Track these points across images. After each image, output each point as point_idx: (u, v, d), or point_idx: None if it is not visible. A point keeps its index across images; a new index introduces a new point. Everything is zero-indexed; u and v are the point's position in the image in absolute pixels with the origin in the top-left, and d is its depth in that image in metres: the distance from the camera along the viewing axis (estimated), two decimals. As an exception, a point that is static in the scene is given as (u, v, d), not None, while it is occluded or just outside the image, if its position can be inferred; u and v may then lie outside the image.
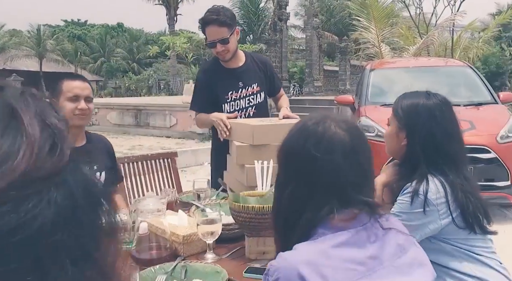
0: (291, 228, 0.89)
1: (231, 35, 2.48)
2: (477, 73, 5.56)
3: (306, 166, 0.90)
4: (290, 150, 0.94)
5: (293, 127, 0.98)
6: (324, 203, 0.86)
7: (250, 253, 1.47)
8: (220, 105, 2.63)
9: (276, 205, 0.98)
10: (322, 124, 0.90)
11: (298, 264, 0.81)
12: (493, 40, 13.70)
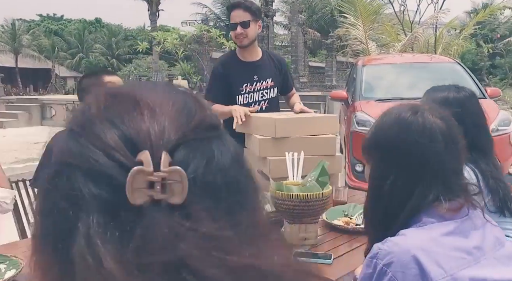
0: (393, 217, 0.91)
1: (252, 22, 2.58)
2: (465, 69, 5.76)
3: (411, 156, 0.92)
4: (391, 141, 0.95)
5: (383, 121, 1.00)
6: (429, 191, 0.90)
7: (292, 240, 1.54)
8: (234, 96, 2.70)
9: (373, 196, 0.99)
10: (420, 114, 0.95)
11: (413, 249, 0.83)
12: (469, 37, 14.05)
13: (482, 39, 23.23)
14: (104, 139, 0.39)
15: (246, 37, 2.64)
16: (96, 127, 0.39)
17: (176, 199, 0.37)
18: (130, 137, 0.39)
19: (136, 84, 0.47)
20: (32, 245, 0.43)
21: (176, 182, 0.38)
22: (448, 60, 6.29)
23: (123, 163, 0.38)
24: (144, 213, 0.37)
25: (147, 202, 0.37)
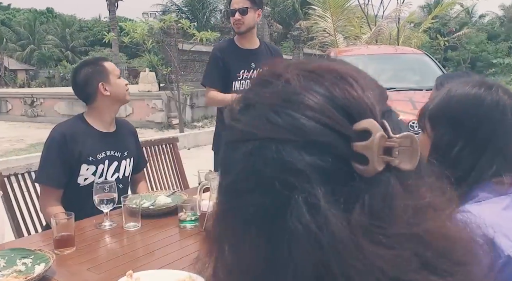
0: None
1: (251, 10, 2.60)
2: (434, 60, 6.00)
3: (482, 128, 0.94)
4: (464, 112, 0.96)
5: (455, 92, 1.00)
6: (491, 165, 0.92)
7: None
8: (231, 82, 2.70)
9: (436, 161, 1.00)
10: (495, 90, 0.95)
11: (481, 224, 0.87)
12: (426, 30, 14.57)
13: (435, 33, 24.21)
14: (317, 110, 0.38)
15: (243, 24, 2.64)
16: (306, 99, 0.38)
17: (408, 166, 0.37)
18: (344, 107, 0.38)
19: (320, 60, 0.46)
20: (213, 244, 0.42)
21: (407, 148, 0.37)
22: (417, 51, 6.52)
23: (342, 132, 0.37)
24: (374, 181, 0.36)
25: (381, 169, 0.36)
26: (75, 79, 2.02)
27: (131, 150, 2.15)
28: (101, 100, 2.01)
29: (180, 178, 2.97)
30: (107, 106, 2.03)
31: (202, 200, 1.58)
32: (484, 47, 33.28)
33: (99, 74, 2.00)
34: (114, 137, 2.08)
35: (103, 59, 2.13)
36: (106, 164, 2.01)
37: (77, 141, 1.92)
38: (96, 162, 1.97)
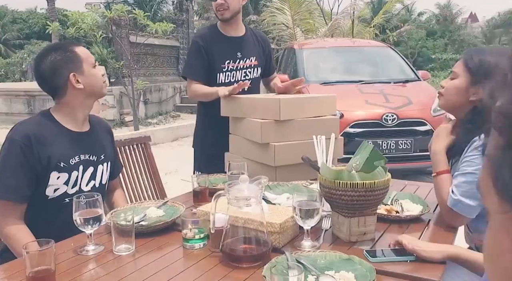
0: None
1: None
2: (398, 53, 5.99)
3: None
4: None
5: None
6: None
7: (351, 235, 1.32)
8: (215, 73, 2.41)
9: None
10: None
11: None
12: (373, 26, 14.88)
13: (381, 28, 25.00)
14: None
15: (228, 9, 2.36)
16: None
17: None
18: None
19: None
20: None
21: None
22: (381, 44, 6.50)
23: None
24: None
25: None
26: (38, 68, 1.62)
27: (108, 152, 1.80)
28: (72, 94, 1.64)
29: (155, 182, 2.63)
30: (80, 101, 1.67)
31: (216, 213, 1.29)
32: (424, 43, 34.87)
33: (70, 62, 1.63)
34: (88, 137, 1.73)
35: (74, 43, 1.74)
36: (81, 171, 1.65)
37: (44, 144, 1.56)
38: (69, 169, 1.61)
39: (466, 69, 1.47)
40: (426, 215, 1.52)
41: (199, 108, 2.61)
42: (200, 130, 2.59)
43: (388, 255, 1.20)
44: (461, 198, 1.38)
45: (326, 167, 1.34)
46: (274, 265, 1.09)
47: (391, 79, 5.28)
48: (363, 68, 5.68)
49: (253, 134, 2.04)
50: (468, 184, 1.38)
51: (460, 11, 47.60)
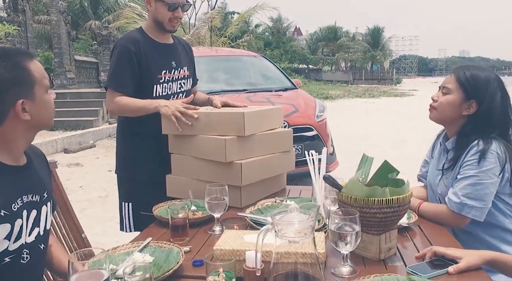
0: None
1: (190, 6, 2.08)
2: (272, 62, 6.26)
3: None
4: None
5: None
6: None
7: (380, 253, 1.28)
8: (152, 85, 2.10)
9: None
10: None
11: None
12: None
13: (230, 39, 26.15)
14: None
15: (179, 21, 2.12)
16: None
17: None
18: None
19: None
20: None
21: None
22: (255, 54, 6.70)
23: None
24: None
25: None
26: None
27: (49, 188, 1.40)
28: (12, 124, 1.21)
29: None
30: (20, 132, 1.24)
31: (248, 251, 1.10)
32: (263, 52, 37.70)
33: (20, 84, 1.19)
34: (27, 172, 1.30)
35: (26, 54, 1.28)
36: (25, 217, 1.23)
37: None
38: (12, 218, 1.18)
39: (459, 85, 1.58)
40: (415, 223, 1.58)
41: (123, 126, 2.23)
42: (128, 152, 2.21)
43: (432, 267, 1.19)
44: (466, 200, 1.48)
45: (356, 184, 1.27)
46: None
47: (272, 88, 5.48)
48: (244, 77, 5.77)
49: (212, 153, 1.83)
50: (472, 186, 1.48)
51: (290, 25, 53.13)
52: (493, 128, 1.55)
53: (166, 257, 1.27)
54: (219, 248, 1.20)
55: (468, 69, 1.61)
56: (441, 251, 1.24)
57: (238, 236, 1.28)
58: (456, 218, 1.54)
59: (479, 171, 1.49)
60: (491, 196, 1.50)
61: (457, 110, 1.60)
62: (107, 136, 9.72)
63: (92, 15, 23.75)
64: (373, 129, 10.65)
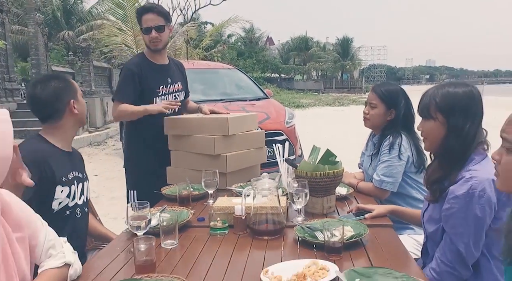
0: (465, 151, 1.51)
1: (166, 27, 2.64)
2: (245, 74, 6.90)
3: (478, 113, 1.54)
4: (469, 103, 1.56)
5: (454, 91, 1.56)
6: (481, 135, 1.53)
7: (324, 210, 1.91)
8: (152, 98, 2.69)
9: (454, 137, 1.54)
10: (475, 88, 1.57)
11: (489, 175, 1.42)
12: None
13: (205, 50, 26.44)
14: None
15: (161, 41, 2.67)
16: None
17: None
18: None
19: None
20: None
21: None
22: (232, 66, 7.32)
23: None
24: None
25: None
26: (38, 93, 1.78)
27: (85, 172, 1.99)
28: (68, 118, 1.82)
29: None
30: (71, 125, 1.87)
31: (236, 205, 1.71)
32: (236, 62, 38.30)
33: (70, 90, 1.80)
34: (74, 157, 1.92)
35: (66, 76, 1.94)
36: (75, 185, 1.83)
37: (47, 160, 1.70)
38: (69, 183, 1.80)
39: (380, 100, 2.24)
40: (351, 194, 2.23)
41: (129, 129, 2.81)
42: (134, 150, 2.78)
43: (355, 216, 1.83)
44: (383, 177, 2.14)
45: (307, 163, 1.91)
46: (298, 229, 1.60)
47: (246, 97, 6.11)
48: (220, 88, 6.38)
49: (204, 148, 2.44)
50: (386, 168, 2.14)
51: (262, 35, 54.17)
52: (402, 126, 2.23)
53: (179, 215, 1.86)
54: (216, 206, 1.80)
55: (383, 86, 2.29)
56: (362, 206, 1.89)
57: (228, 200, 1.89)
58: (379, 191, 2.19)
59: (390, 157, 2.16)
60: (400, 174, 2.16)
61: (383, 118, 2.26)
62: (87, 144, 10.09)
63: (65, 25, 23.82)
64: (339, 135, 11.43)
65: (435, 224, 1.59)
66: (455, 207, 1.47)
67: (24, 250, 1.16)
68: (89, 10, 24.88)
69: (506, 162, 1.06)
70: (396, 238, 1.63)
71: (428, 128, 1.61)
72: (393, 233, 1.69)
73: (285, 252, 1.52)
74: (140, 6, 2.93)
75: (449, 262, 1.50)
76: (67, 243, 1.34)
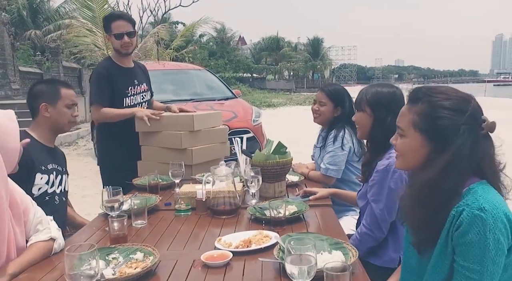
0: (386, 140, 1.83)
1: (135, 33, 2.87)
2: (215, 75, 7.15)
3: (397, 108, 1.68)
4: (391, 100, 1.87)
5: (380, 90, 1.86)
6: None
7: (275, 193, 2.21)
8: (122, 98, 2.92)
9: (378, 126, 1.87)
10: (397, 88, 1.88)
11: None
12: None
13: (175, 51, 26.40)
14: None
15: (132, 45, 2.91)
16: None
17: None
18: None
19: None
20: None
21: None
22: (199, 67, 7.56)
23: None
24: None
25: None
26: (31, 89, 2.09)
27: (66, 167, 2.22)
28: (42, 119, 2.08)
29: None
30: (48, 126, 2.10)
31: (198, 190, 1.98)
32: (207, 62, 38.31)
33: (49, 95, 2.04)
34: (55, 152, 2.14)
35: (64, 84, 2.15)
36: (54, 175, 2.06)
37: (28, 151, 1.93)
38: (48, 172, 2.02)
39: (328, 98, 2.55)
40: (302, 181, 2.53)
41: (102, 129, 3.02)
42: (107, 147, 3.00)
43: (301, 198, 2.14)
44: (328, 165, 2.45)
45: (260, 154, 2.20)
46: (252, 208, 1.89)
47: (215, 97, 6.37)
48: (190, 88, 6.62)
49: (172, 143, 2.69)
50: (331, 157, 2.46)
51: (234, 35, 54.38)
52: (346, 121, 2.55)
53: (148, 200, 2.12)
54: (181, 191, 2.07)
55: (330, 86, 2.61)
56: (307, 190, 2.20)
57: (192, 186, 2.16)
58: (325, 178, 2.51)
59: (334, 148, 2.48)
60: (343, 162, 2.49)
61: (331, 114, 2.58)
62: (58, 144, 10.07)
63: (31, 24, 23.34)
64: (306, 132, 11.81)
65: (364, 199, 1.91)
66: (375, 179, 1.80)
67: (19, 226, 1.40)
68: (57, 9, 24.44)
69: (399, 144, 1.28)
70: (333, 215, 1.94)
71: (359, 118, 1.93)
72: (331, 211, 2.00)
73: (239, 227, 1.81)
74: (109, 13, 3.16)
75: (368, 225, 1.84)
76: (52, 221, 1.58)
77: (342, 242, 1.48)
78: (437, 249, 1.15)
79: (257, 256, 1.44)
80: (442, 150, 1.15)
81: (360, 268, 1.36)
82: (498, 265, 1.05)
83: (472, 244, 1.06)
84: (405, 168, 1.34)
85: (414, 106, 1.23)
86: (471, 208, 1.07)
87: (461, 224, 1.07)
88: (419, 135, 1.20)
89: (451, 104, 1.17)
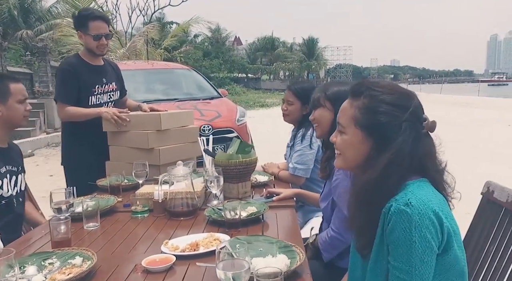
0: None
1: (112, 35, 2.80)
2: (200, 74, 7.08)
3: None
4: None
5: (342, 88, 1.81)
6: None
7: (239, 194, 2.14)
8: (87, 97, 2.84)
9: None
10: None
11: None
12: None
13: (167, 50, 26.38)
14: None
15: (107, 46, 2.84)
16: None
17: None
18: None
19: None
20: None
21: None
22: (186, 67, 7.48)
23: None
24: None
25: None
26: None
27: (22, 166, 2.14)
28: None
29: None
30: (1, 123, 2.00)
31: (155, 191, 1.91)
32: (201, 63, 38.19)
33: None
34: (8, 152, 2.06)
35: (12, 79, 2.05)
36: (8, 178, 1.98)
37: None
38: (1, 177, 1.93)
39: (295, 97, 2.49)
40: (271, 181, 2.47)
41: (67, 128, 2.94)
42: (72, 147, 2.92)
43: (265, 199, 2.07)
44: (296, 165, 2.39)
45: (222, 153, 2.13)
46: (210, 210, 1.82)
47: (200, 97, 6.30)
48: (176, 88, 6.54)
49: (139, 142, 2.62)
50: (299, 156, 2.40)
51: (229, 35, 54.30)
52: None
53: (106, 202, 2.05)
54: (139, 192, 2.00)
55: (297, 84, 2.55)
56: (271, 190, 2.13)
57: (151, 187, 2.09)
58: (294, 178, 2.45)
59: (302, 146, 2.42)
60: (311, 161, 2.42)
61: (299, 113, 2.52)
62: (45, 145, 9.99)
63: (23, 24, 23.17)
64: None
65: (326, 200, 1.84)
66: (339, 178, 1.73)
67: None
68: (49, 9, 24.27)
69: (339, 141, 1.19)
70: (293, 216, 1.88)
71: (318, 114, 1.87)
72: (292, 212, 1.94)
73: (193, 229, 1.74)
74: (87, 10, 3.02)
75: (337, 229, 1.76)
76: None
77: (292, 245, 1.41)
78: (374, 250, 1.09)
79: (203, 261, 1.37)
80: (383, 147, 1.09)
81: (307, 272, 1.30)
82: (428, 264, 0.99)
83: (399, 242, 1.00)
84: (345, 167, 1.26)
85: (355, 101, 1.16)
86: (398, 203, 1.02)
87: (390, 220, 1.02)
88: (360, 131, 1.13)
89: (393, 99, 1.11)
